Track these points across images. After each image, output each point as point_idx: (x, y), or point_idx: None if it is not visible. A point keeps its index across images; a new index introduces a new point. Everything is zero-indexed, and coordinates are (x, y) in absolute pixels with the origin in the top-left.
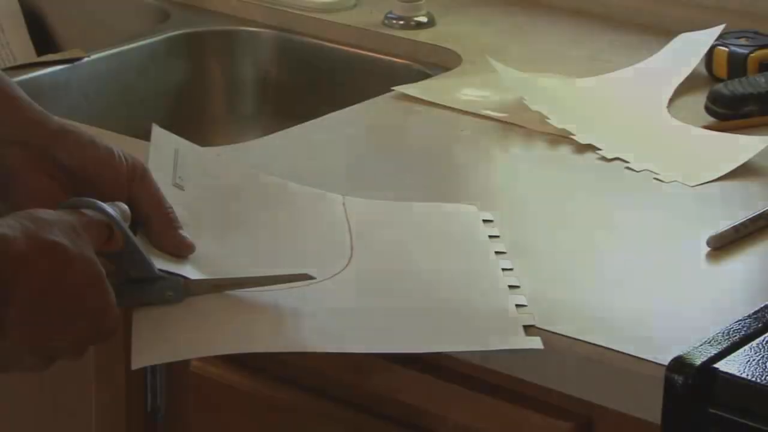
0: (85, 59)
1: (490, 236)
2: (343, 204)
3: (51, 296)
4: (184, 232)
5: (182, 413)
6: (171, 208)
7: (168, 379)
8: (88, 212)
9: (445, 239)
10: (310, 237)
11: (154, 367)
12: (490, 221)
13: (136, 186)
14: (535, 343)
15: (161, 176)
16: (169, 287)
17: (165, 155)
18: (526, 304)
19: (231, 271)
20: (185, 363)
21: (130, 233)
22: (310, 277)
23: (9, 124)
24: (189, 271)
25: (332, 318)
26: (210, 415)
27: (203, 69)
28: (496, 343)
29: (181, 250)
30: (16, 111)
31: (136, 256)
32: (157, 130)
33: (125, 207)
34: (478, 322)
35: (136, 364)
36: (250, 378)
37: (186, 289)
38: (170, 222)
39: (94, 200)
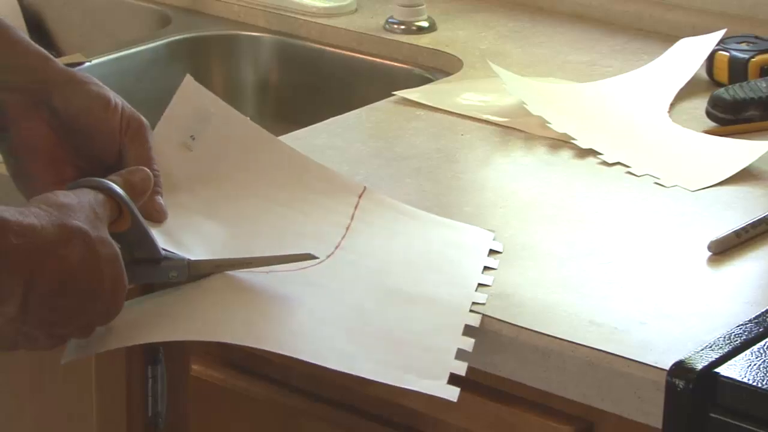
0: (86, 64)
1: (486, 267)
2: (360, 196)
3: (74, 283)
4: (161, 199)
5: (183, 418)
6: (157, 170)
7: (169, 384)
8: (100, 192)
9: (436, 261)
10: (300, 225)
11: (155, 373)
12: (498, 252)
13: (128, 141)
14: (451, 393)
15: (170, 132)
16: (173, 267)
17: (186, 109)
18: (470, 350)
19: (200, 243)
20: (186, 368)
21: (138, 213)
22: (314, 257)
23: (10, 70)
24: (192, 251)
25: (277, 314)
26: (211, 420)
27: (204, 73)
28: (410, 383)
29: (152, 215)
30: (18, 56)
31: (142, 236)
32: (188, 81)
33: (145, 173)
34: (409, 357)
35: (65, 359)
36: (251, 383)
37: (189, 269)
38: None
39: (104, 180)
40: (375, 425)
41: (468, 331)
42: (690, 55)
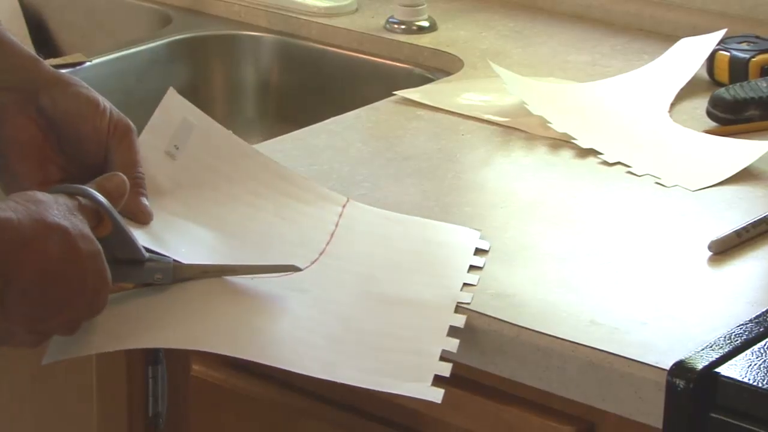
0: (87, 63)
1: (472, 266)
2: (344, 206)
3: (53, 278)
4: (145, 200)
5: (184, 418)
6: (142, 173)
7: (170, 384)
8: (79, 199)
9: (421, 263)
10: (285, 231)
11: (156, 373)
12: (485, 251)
13: (114, 143)
14: (435, 395)
15: (154, 140)
16: (158, 269)
17: (169, 120)
18: (455, 351)
19: (186, 245)
20: (186, 368)
21: (119, 218)
22: (298, 269)
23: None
24: (178, 252)
25: (260, 322)
26: (211, 420)
27: (205, 73)
28: (393, 386)
29: (137, 216)
30: (8, 56)
31: (124, 239)
32: (170, 94)
33: (120, 179)
34: (393, 361)
35: (46, 360)
36: (251, 383)
37: (175, 272)
38: (135, 186)
39: (84, 187)
40: (375, 425)
41: (454, 331)
42: (690, 55)
